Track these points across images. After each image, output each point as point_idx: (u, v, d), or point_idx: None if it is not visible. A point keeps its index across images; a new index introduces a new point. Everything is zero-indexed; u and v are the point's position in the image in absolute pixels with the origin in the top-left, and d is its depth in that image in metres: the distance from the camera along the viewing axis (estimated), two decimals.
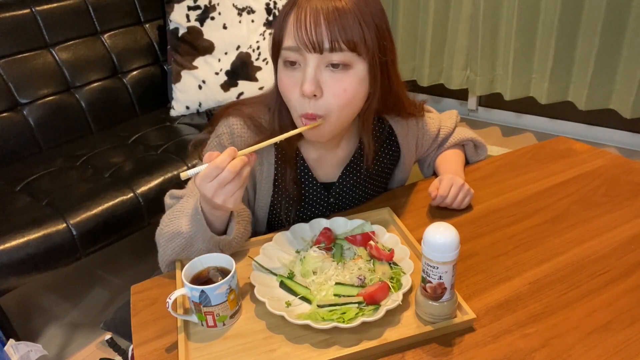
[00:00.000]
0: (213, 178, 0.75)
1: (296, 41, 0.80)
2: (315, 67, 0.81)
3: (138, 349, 0.77)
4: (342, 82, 0.83)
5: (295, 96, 0.85)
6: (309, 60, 0.81)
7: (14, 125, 1.78)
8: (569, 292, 0.81)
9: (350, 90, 0.84)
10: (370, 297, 0.77)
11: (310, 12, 0.79)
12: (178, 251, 0.87)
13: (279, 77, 0.87)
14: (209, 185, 0.75)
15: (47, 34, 1.89)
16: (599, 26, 1.91)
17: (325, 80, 0.82)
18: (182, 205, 0.90)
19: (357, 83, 0.84)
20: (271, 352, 0.74)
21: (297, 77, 0.83)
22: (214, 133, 0.98)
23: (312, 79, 0.81)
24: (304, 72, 0.82)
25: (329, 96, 0.83)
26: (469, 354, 0.72)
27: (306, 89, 0.81)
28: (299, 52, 0.81)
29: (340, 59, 0.81)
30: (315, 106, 0.83)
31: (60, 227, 1.41)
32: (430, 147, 1.17)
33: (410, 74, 2.53)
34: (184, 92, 2.01)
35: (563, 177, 1.11)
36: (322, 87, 0.82)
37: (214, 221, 0.85)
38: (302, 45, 0.80)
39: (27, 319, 1.78)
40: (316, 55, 0.81)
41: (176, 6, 1.99)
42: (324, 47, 0.80)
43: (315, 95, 0.82)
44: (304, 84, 0.81)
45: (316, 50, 0.80)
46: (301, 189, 1.01)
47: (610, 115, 2.07)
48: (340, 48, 0.80)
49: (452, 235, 0.70)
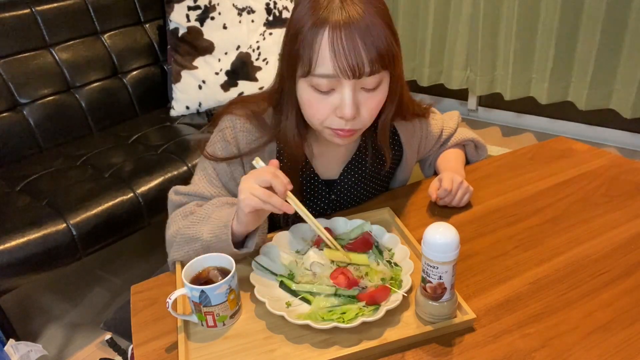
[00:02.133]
0: (267, 183, 0.77)
1: (335, 70, 0.79)
2: (352, 91, 0.82)
3: (138, 349, 0.77)
4: (376, 98, 0.86)
5: (325, 115, 0.85)
6: (346, 85, 0.81)
7: (14, 125, 1.78)
8: (569, 292, 0.81)
9: (381, 102, 0.88)
10: (370, 297, 0.77)
11: (345, 34, 0.77)
12: (192, 255, 0.86)
13: (307, 99, 0.85)
14: (254, 173, 0.78)
15: (47, 34, 1.89)
16: (599, 26, 1.91)
17: (361, 101, 0.84)
18: (207, 212, 0.88)
19: (385, 94, 0.88)
20: (271, 352, 0.74)
21: (330, 101, 0.84)
22: (217, 128, 0.98)
23: (353, 105, 0.82)
24: (342, 97, 0.82)
25: (365, 114, 0.86)
26: (469, 354, 0.72)
27: (348, 115, 0.82)
28: (336, 78, 0.81)
29: (375, 80, 0.83)
30: (352, 124, 0.85)
31: (60, 227, 1.41)
32: (433, 147, 1.18)
33: (410, 74, 2.53)
34: (184, 92, 2.01)
35: (563, 177, 1.11)
36: (358, 107, 0.84)
37: (235, 233, 0.84)
38: (342, 74, 0.79)
39: (27, 319, 1.78)
40: (353, 81, 0.81)
41: (176, 6, 1.99)
42: (364, 72, 0.79)
43: (354, 117, 0.84)
44: (344, 110, 0.82)
45: (355, 76, 0.80)
46: (303, 185, 1.01)
47: (610, 115, 2.08)
48: (378, 70, 0.81)
49: (452, 235, 0.70)
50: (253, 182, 0.78)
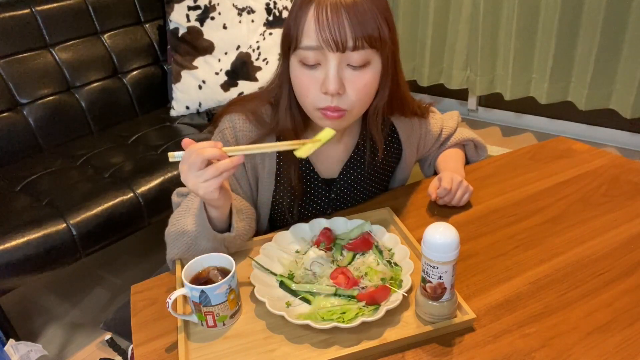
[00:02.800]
0: (187, 163, 0.75)
1: (318, 40, 0.80)
2: (337, 65, 0.82)
3: (138, 349, 0.77)
4: (363, 78, 0.85)
5: (313, 93, 0.85)
6: (331, 59, 0.82)
7: (14, 125, 1.78)
8: (569, 292, 0.81)
9: (369, 85, 0.87)
10: (370, 297, 0.77)
11: (331, 9, 0.78)
12: (184, 250, 0.87)
13: (296, 75, 0.87)
14: (183, 167, 0.76)
15: (47, 34, 1.89)
16: (599, 26, 1.91)
17: (347, 77, 0.84)
18: (188, 204, 0.90)
19: (374, 78, 0.87)
20: (271, 352, 0.74)
21: (317, 76, 0.84)
22: (218, 129, 0.99)
23: (336, 78, 0.82)
24: (326, 71, 0.82)
25: (351, 93, 0.85)
26: (469, 354, 0.72)
27: (331, 89, 0.82)
28: (320, 51, 0.81)
29: (361, 56, 0.82)
30: (338, 101, 0.85)
31: (60, 227, 1.41)
32: (432, 147, 1.18)
33: (410, 74, 2.54)
34: (184, 92, 2.01)
35: (563, 177, 1.11)
36: (344, 84, 0.84)
37: (216, 217, 0.85)
38: (325, 44, 0.80)
39: (27, 319, 1.78)
40: (338, 54, 0.81)
41: (176, 6, 1.99)
42: (347, 46, 0.80)
43: (339, 93, 0.84)
44: (328, 84, 0.82)
45: (339, 49, 0.80)
46: (303, 184, 1.01)
47: (610, 115, 2.08)
48: (363, 46, 0.81)
49: (452, 235, 0.70)
50: (192, 174, 0.76)
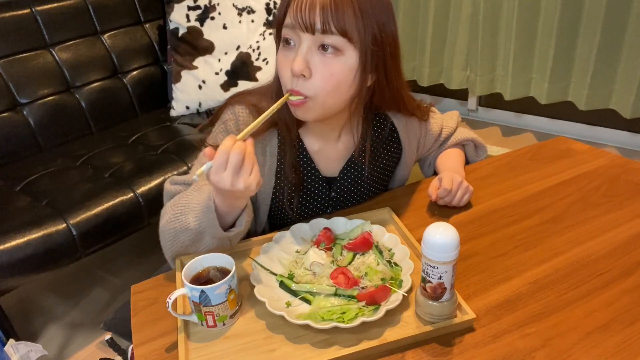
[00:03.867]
0: (225, 166, 0.74)
1: (292, 20, 0.83)
2: (307, 47, 0.84)
3: (138, 349, 0.77)
4: (331, 66, 0.85)
5: (286, 74, 0.87)
6: (303, 40, 0.84)
7: (14, 125, 1.78)
8: (569, 292, 0.81)
9: (338, 76, 0.86)
10: (370, 297, 0.77)
11: None
12: (187, 244, 0.88)
13: (277, 57, 0.89)
14: (224, 175, 0.74)
15: (47, 34, 1.89)
16: (599, 26, 1.91)
17: (315, 63, 0.85)
18: (187, 200, 0.88)
19: (345, 70, 0.86)
20: (271, 352, 0.74)
21: (290, 56, 0.86)
22: (220, 120, 1.00)
23: (302, 59, 0.84)
24: (296, 51, 0.84)
25: (316, 78, 0.85)
26: (469, 354, 0.72)
27: (295, 68, 0.83)
28: (294, 31, 0.84)
29: (331, 41, 0.83)
30: (303, 85, 0.85)
31: (60, 227, 1.41)
32: (432, 146, 1.18)
33: (410, 74, 2.53)
34: (184, 92, 2.01)
35: (563, 177, 1.11)
36: (311, 68, 0.84)
37: (229, 213, 0.85)
38: (297, 24, 0.82)
39: (27, 319, 1.78)
40: (309, 36, 0.83)
41: (176, 6, 1.99)
42: (315, 27, 0.82)
43: (304, 76, 0.84)
44: (293, 63, 0.84)
45: (308, 30, 0.82)
46: (303, 180, 1.02)
47: (610, 115, 2.08)
48: (331, 31, 0.82)
49: (452, 235, 0.70)
50: (237, 175, 0.75)
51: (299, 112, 0.89)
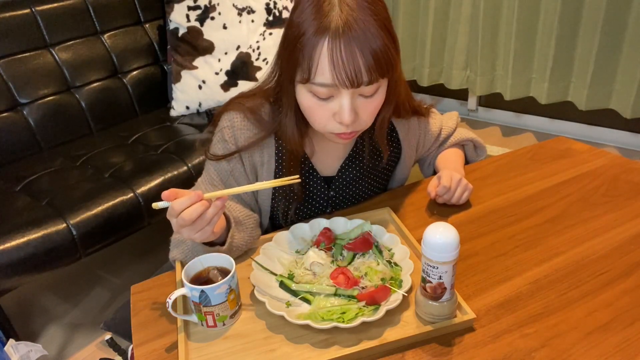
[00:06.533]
0: (175, 216, 0.77)
1: (334, 80, 0.80)
2: (350, 98, 0.83)
3: (138, 349, 0.77)
4: (374, 103, 0.87)
5: (326, 120, 0.87)
6: (344, 93, 0.82)
7: (14, 125, 1.78)
8: (569, 292, 0.81)
9: (379, 105, 0.89)
10: (370, 297, 0.77)
11: (344, 47, 0.77)
12: (186, 253, 0.90)
13: (308, 105, 0.87)
14: (172, 221, 0.79)
15: (47, 34, 1.89)
16: (599, 26, 1.91)
17: (359, 106, 0.85)
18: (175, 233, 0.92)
19: (383, 97, 0.89)
20: (271, 352, 0.74)
21: (330, 108, 0.85)
22: (217, 128, 1.00)
23: (351, 111, 0.84)
24: (340, 104, 0.83)
25: (364, 117, 0.87)
26: (469, 354, 0.72)
27: (347, 121, 0.84)
28: (334, 87, 0.82)
29: (373, 88, 0.84)
30: (352, 127, 0.87)
31: (60, 227, 1.41)
32: (432, 146, 1.18)
33: (410, 74, 2.54)
34: (184, 92, 2.01)
35: (563, 177, 1.11)
36: (357, 112, 0.86)
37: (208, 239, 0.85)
38: (341, 84, 0.80)
39: (27, 319, 1.78)
40: (351, 89, 0.82)
41: (176, 6, 1.99)
42: (362, 82, 0.80)
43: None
44: (343, 116, 0.84)
45: (354, 86, 0.81)
46: (303, 181, 1.02)
47: (610, 115, 2.08)
48: (377, 79, 0.82)
49: (452, 235, 0.70)
50: (184, 230, 0.78)
51: (347, 141, 0.93)
